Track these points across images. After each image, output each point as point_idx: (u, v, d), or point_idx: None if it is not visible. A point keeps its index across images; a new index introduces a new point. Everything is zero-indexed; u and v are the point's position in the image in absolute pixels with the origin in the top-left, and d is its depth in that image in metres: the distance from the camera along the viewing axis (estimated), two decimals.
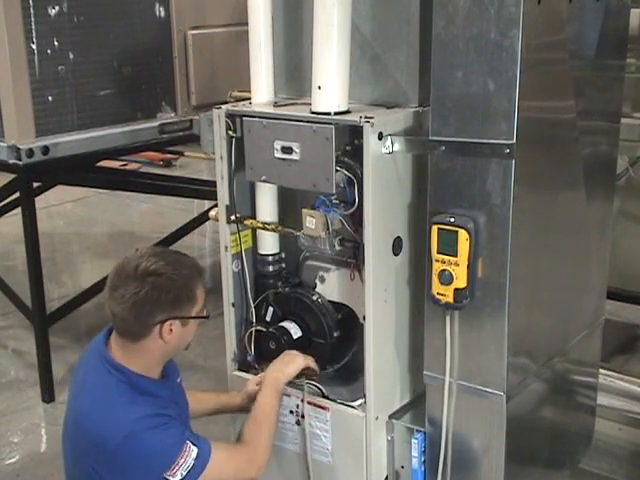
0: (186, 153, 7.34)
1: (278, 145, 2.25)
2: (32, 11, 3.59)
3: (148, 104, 4.16)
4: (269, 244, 2.51)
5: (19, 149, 3.62)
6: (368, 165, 2.13)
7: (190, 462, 2.01)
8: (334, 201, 2.24)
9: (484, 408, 2.17)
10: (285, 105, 2.38)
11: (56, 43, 3.70)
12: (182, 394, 2.27)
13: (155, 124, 4.16)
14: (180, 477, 2.00)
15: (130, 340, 2.05)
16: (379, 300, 2.26)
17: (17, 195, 4.23)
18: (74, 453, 2.11)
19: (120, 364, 2.05)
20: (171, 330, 2.03)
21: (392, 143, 2.16)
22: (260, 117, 2.30)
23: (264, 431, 2.22)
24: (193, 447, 2.02)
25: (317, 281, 2.50)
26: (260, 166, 2.32)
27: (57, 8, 3.67)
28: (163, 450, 2.00)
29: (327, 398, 2.40)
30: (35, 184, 4.29)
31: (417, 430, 2.32)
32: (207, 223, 5.23)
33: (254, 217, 2.49)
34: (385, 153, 2.16)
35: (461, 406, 2.20)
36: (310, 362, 2.35)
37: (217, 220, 2.51)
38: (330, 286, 2.47)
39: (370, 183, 2.14)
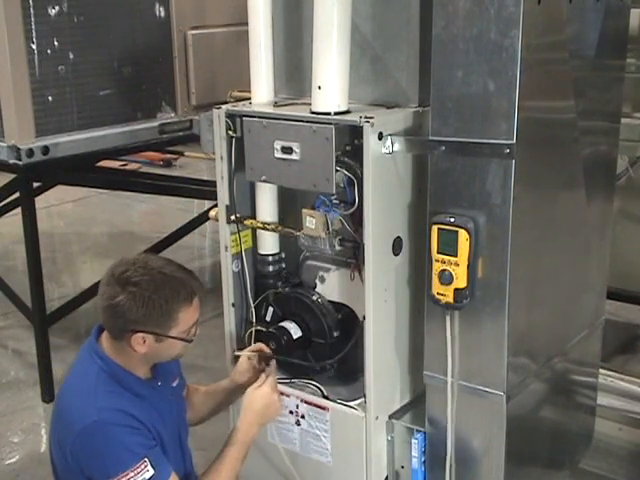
0: (186, 153, 7.33)
1: (278, 145, 2.25)
2: (32, 11, 3.59)
3: (148, 104, 4.16)
4: (269, 244, 2.51)
5: (19, 149, 3.62)
6: (368, 165, 2.13)
7: None
8: (334, 201, 2.24)
9: (484, 408, 2.17)
10: (285, 105, 2.38)
11: (56, 43, 3.70)
12: (175, 400, 2.21)
13: (155, 124, 4.16)
14: None
15: (111, 336, 2.06)
16: (379, 300, 2.26)
17: (17, 195, 4.23)
18: (54, 444, 2.09)
19: (105, 354, 2.05)
20: (144, 342, 2.00)
21: (392, 143, 2.16)
22: (260, 117, 2.30)
23: None
24: (150, 468, 1.94)
25: (317, 281, 2.50)
26: (260, 166, 2.32)
27: (57, 8, 3.67)
28: (119, 452, 1.94)
29: (327, 398, 2.40)
30: (35, 184, 4.29)
31: (417, 430, 2.32)
32: (207, 223, 5.22)
33: (254, 217, 2.49)
34: (385, 153, 2.16)
35: (461, 406, 2.20)
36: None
37: (217, 220, 2.51)
38: (330, 286, 2.47)
39: (370, 183, 2.14)
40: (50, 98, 3.72)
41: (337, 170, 2.17)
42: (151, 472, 1.95)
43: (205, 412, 2.40)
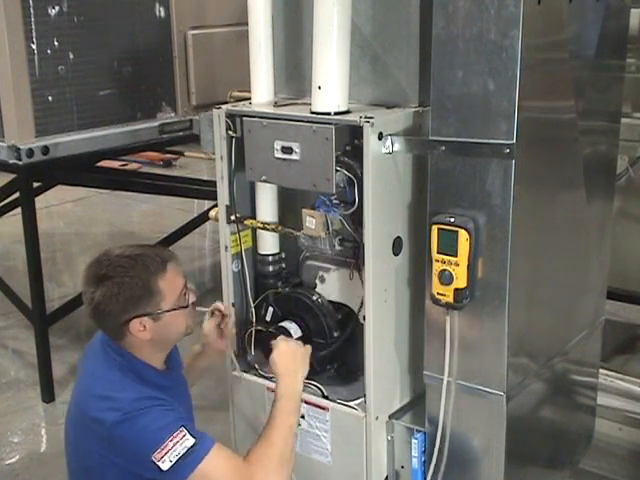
0: (186, 153, 7.34)
1: (278, 145, 2.25)
2: (32, 11, 3.60)
3: (148, 104, 4.17)
4: (269, 244, 2.51)
5: (19, 149, 3.62)
6: (368, 165, 2.13)
7: (181, 450, 1.89)
8: (334, 201, 2.24)
9: (484, 408, 2.17)
10: (285, 105, 2.38)
11: (56, 43, 3.70)
12: (185, 387, 2.27)
13: (155, 124, 4.17)
14: (169, 464, 1.89)
15: (114, 339, 2.06)
16: (379, 300, 2.26)
17: (17, 195, 4.24)
18: (78, 441, 2.08)
19: (124, 350, 2.06)
20: (144, 327, 2.01)
21: (392, 143, 2.16)
22: (260, 117, 2.30)
23: (279, 455, 2.00)
24: (189, 436, 1.92)
25: (317, 281, 2.50)
26: (260, 166, 2.32)
27: (57, 8, 3.68)
28: (154, 430, 1.92)
29: (327, 398, 2.40)
30: (35, 184, 4.30)
31: (417, 430, 2.32)
32: (207, 223, 5.23)
33: (254, 217, 2.49)
34: (385, 153, 2.16)
35: (461, 406, 2.20)
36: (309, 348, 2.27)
37: (217, 220, 2.51)
38: (330, 286, 2.47)
39: (370, 183, 2.14)
40: (50, 98, 3.73)
41: (337, 170, 2.17)
42: (192, 440, 1.92)
43: (189, 378, 2.42)
